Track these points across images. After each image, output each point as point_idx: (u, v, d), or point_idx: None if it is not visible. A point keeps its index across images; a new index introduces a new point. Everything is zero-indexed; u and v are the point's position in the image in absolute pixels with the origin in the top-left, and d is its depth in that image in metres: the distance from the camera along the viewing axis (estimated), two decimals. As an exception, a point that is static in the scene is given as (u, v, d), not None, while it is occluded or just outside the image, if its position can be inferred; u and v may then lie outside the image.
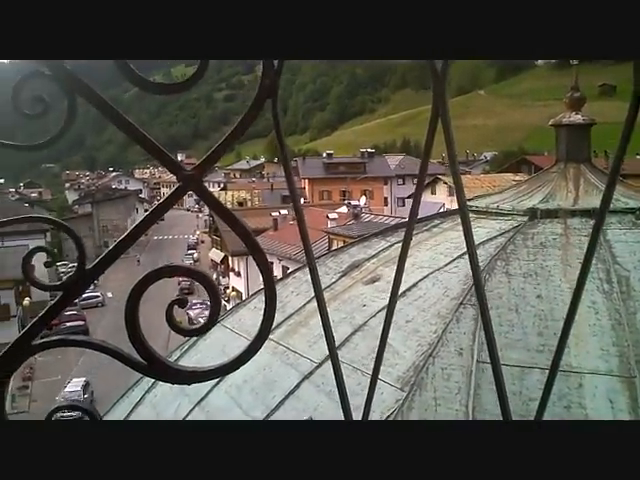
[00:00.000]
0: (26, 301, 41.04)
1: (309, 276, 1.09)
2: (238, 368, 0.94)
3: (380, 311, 5.47)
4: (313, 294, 1.06)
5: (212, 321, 0.94)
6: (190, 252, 69.71)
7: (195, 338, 7.19)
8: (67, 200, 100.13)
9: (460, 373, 4.59)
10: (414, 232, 6.10)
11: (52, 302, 0.90)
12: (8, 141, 0.89)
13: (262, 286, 0.98)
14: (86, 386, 32.34)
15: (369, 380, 1.26)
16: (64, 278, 0.92)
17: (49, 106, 0.88)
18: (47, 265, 0.93)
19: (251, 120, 0.93)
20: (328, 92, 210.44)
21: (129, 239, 0.93)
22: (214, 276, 50.63)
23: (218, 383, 5.91)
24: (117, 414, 6.75)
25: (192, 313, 44.36)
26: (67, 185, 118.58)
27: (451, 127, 0.94)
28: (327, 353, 4.46)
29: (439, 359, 4.75)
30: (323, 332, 1.13)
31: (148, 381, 7.08)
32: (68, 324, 45.00)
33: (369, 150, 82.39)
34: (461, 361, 4.66)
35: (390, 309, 1.11)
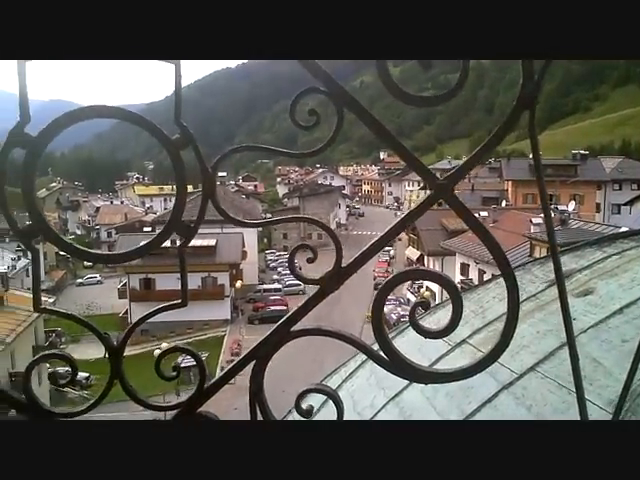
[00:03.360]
0: (238, 283, 45.05)
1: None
2: (478, 372, 0.96)
3: (592, 327, 5.08)
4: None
5: (454, 325, 0.97)
6: (387, 249, 70.78)
7: (393, 334, 7.31)
8: (278, 193, 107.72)
9: (686, 406, 4.09)
10: (634, 245, 5.51)
11: (311, 295, 1.00)
12: (281, 148, 1.01)
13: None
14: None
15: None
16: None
17: (320, 119, 0.97)
18: (310, 261, 1.03)
19: (506, 132, 0.93)
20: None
21: (381, 242, 0.99)
22: (408, 274, 50.77)
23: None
24: (317, 398, 7.10)
25: (386, 309, 45.11)
26: (278, 180, 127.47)
27: None
28: (529, 365, 4.19)
29: (660, 387, 4.28)
30: (565, 330, 1.10)
31: (346, 370, 7.36)
32: (272, 308, 48.47)
33: (582, 152, 76.23)
34: (688, 392, 4.15)
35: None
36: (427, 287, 48.58)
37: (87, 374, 31.82)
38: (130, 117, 0.93)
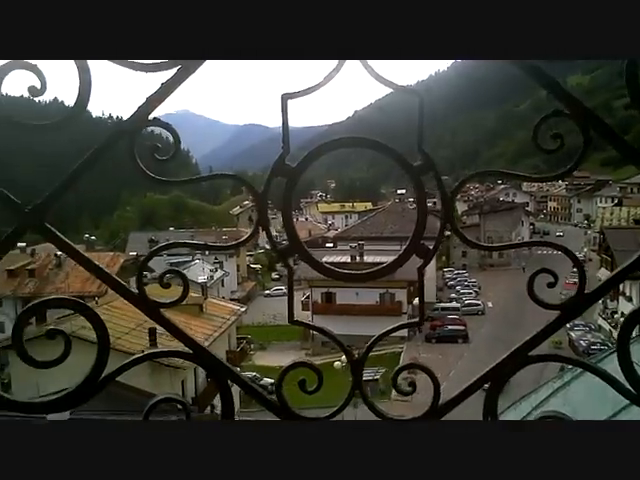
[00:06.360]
0: (416, 301, 44.83)
1: None
2: None
3: None
4: None
5: None
6: (576, 270, 65.59)
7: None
8: (457, 210, 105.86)
9: None
10: None
11: (551, 321, 0.98)
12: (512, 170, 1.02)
13: None
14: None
15: None
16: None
17: (564, 143, 0.96)
18: (550, 286, 1.02)
19: None
20: None
21: (628, 269, 0.95)
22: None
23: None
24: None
25: (574, 334, 42.20)
26: (458, 196, 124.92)
27: None
28: None
29: None
30: None
31: (536, 397, 6.98)
32: (449, 327, 47.53)
33: None
34: None
35: None
36: (622, 313, 44.25)
37: (272, 380, 33.67)
38: (377, 146, 1.01)
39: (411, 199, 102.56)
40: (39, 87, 0.94)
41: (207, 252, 54.42)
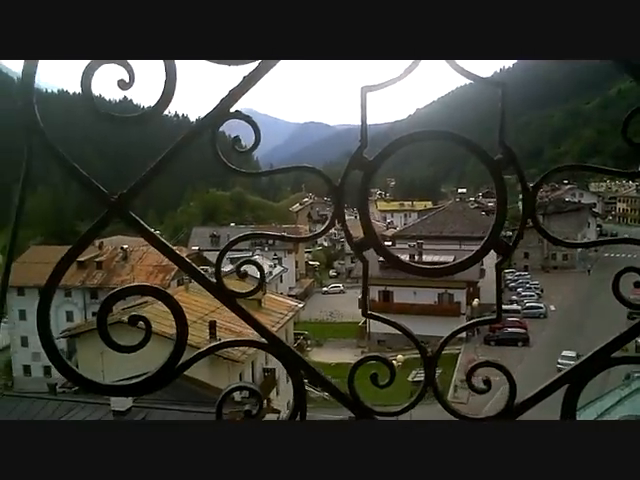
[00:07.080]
0: (475, 302, 44.02)
1: None
2: None
3: None
4: None
5: None
6: (646, 274, 62.75)
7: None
8: (520, 210, 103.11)
9: None
10: None
11: (637, 322, 0.94)
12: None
13: None
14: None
15: None
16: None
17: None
18: (636, 285, 0.98)
19: None
20: None
21: None
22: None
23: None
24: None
25: (642, 341, 40.60)
26: (521, 196, 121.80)
27: None
28: None
29: None
30: None
31: (602, 405, 6.76)
32: (510, 329, 46.47)
33: None
34: None
35: None
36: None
37: (329, 377, 33.76)
38: (456, 138, 0.99)
39: (472, 198, 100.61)
40: (127, 81, 0.97)
41: (266, 248, 55.06)
